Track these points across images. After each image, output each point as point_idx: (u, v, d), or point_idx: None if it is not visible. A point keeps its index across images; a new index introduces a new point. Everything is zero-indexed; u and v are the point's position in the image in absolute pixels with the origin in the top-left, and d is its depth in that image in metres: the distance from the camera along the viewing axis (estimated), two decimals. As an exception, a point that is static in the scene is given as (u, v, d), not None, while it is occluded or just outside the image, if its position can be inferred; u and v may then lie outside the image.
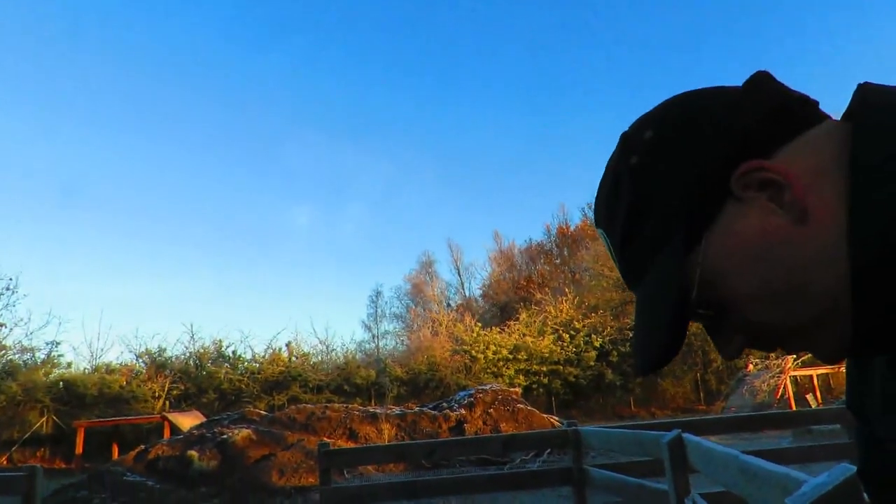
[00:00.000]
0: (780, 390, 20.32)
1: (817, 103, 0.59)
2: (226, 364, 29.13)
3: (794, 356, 22.21)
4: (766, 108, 0.56)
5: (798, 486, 1.35)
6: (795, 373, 21.92)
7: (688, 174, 0.57)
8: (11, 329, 25.04)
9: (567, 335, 30.59)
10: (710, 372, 30.60)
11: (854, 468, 1.25)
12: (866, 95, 0.56)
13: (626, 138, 0.62)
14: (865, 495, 0.70)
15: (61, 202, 51.65)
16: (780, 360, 21.87)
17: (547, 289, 38.51)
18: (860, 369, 0.66)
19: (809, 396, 22.36)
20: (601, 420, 25.73)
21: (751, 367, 23.76)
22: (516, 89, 64.39)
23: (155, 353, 29.16)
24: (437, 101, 64.95)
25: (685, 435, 3.13)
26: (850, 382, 0.69)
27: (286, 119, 62.83)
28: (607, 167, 0.65)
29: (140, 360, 28.88)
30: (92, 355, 29.58)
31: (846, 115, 0.57)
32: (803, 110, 0.57)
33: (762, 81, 0.58)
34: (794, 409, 19.27)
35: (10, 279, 25.02)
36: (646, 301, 0.61)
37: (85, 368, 27.83)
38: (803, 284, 0.54)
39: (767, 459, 4.69)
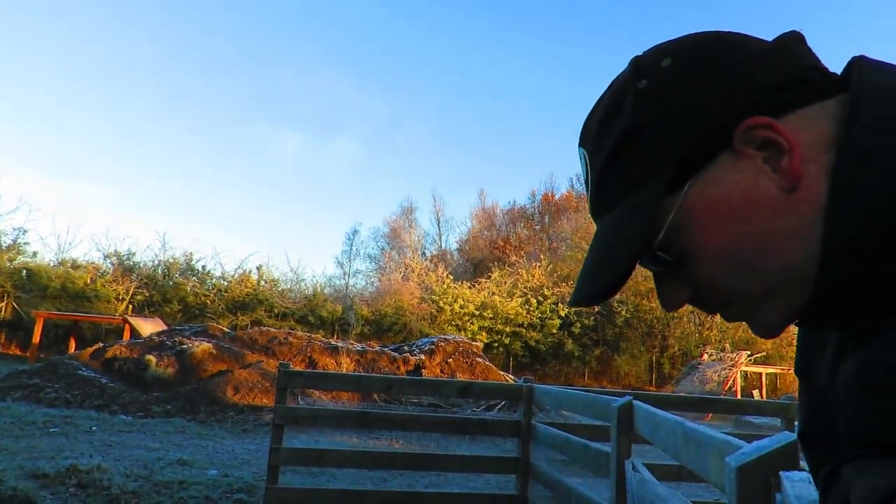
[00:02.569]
0: (730, 383, 21.02)
1: (835, 76, 0.57)
2: (194, 278, 29.01)
3: (748, 353, 22.92)
4: (788, 71, 0.55)
5: (737, 449, 1.41)
6: (747, 368, 22.66)
7: (695, 113, 0.55)
8: (-23, 209, 24.51)
9: (535, 300, 31.03)
10: (665, 356, 31.45)
11: (794, 435, 1.32)
12: (864, 72, 0.54)
13: (638, 62, 0.60)
14: (803, 457, 0.71)
15: (47, 87, 49.83)
16: (734, 354, 22.55)
17: (522, 252, 38.77)
18: (813, 336, 0.67)
19: (756, 392, 23.21)
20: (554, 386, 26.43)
21: (705, 356, 24.47)
22: (522, 51, 63.17)
23: (124, 255, 28.91)
24: (442, 52, 63.50)
25: (636, 402, 3.24)
26: (801, 347, 0.70)
27: (287, 42, 60.90)
28: (611, 86, 0.62)
29: (108, 261, 28.63)
30: (59, 249, 29.22)
31: (840, 87, 0.56)
32: (820, 82, 0.56)
33: (792, 43, 0.57)
34: (739, 396, 20.04)
35: (-19, 159, 24.31)
36: (608, 232, 0.59)
37: (50, 261, 27.51)
38: (771, 254, 0.54)
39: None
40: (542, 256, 35.31)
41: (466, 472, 6.30)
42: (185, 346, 13.01)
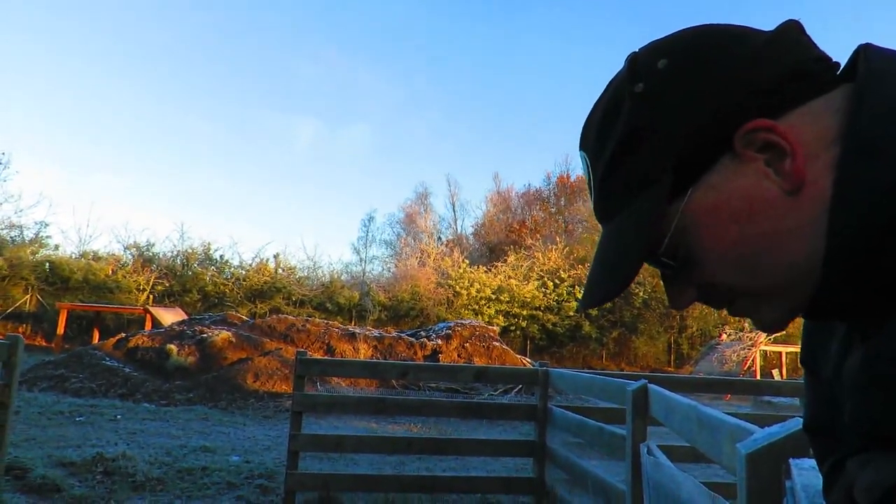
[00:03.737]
0: (749, 362, 20.87)
1: (837, 65, 0.56)
2: (212, 267, 29.37)
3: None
4: (788, 66, 0.54)
5: (749, 435, 1.41)
6: (766, 347, 22.46)
7: (694, 116, 0.54)
8: (1, 204, 24.97)
9: (551, 283, 30.96)
10: (683, 336, 31.29)
11: (800, 421, 1.31)
12: (870, 61, 0.53)
13: (634, 61, 0.58)
14: (811, 446, 0.70)
15: (63, 82, 50.34)
16: (753, 334, 22.35)
17: (538, 235, 38.64)
18: (819, 327, 0.66)
19: (775, 372, 23.04)
20: (572, 368, 26.45)
21: (724, 336, 24.30)
22: (534, 31, 62.39)
23: (143, 247, 29.31)
24: (454, 34, 62.93)
25: (651, 386, 3.23)
26: (806, 338, 0.69)
27: (301, 31, 60.74)
28: (608, 87, 0.61)
29: (128, 252, 29.04)
30: (80, 241, 29.73)
31: (845, 76, 0.54)
32: (823, 73, 0.54)
33: (790, 33, 0.55)
34: (759, 376, 19.89)
35: (3, 153, 24.77)
36: (612, 239, 0.60)
37: (72, 253, 27.98)
38: (775, 254, 0.53)
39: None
40: (557, 239, 35.16)
41: (484, 456, 6.35)
42: (205, 335, 13.20)
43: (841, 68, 0.56)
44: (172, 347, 12.46)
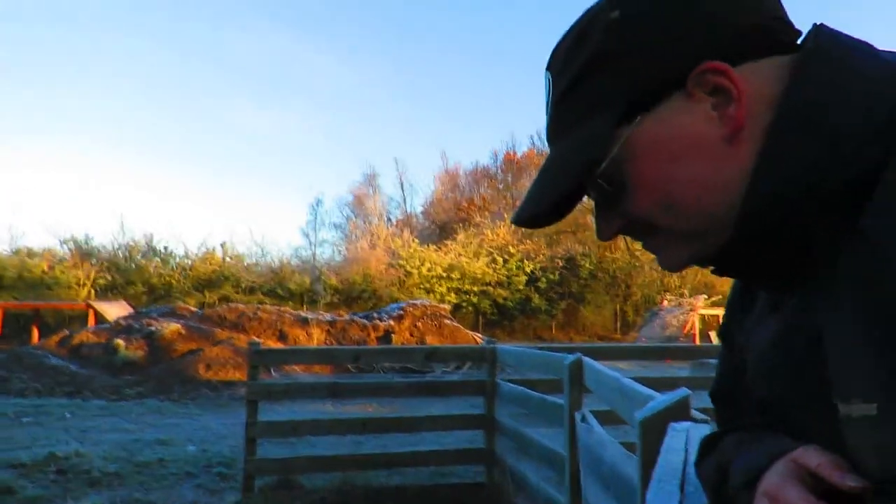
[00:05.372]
0: (688, 326, 21.93)
1: (798, 33, 0.58)
2: (156, 258, 28.60)
3: (706, 296, 23.85)
4: (754, 20, 0.55)
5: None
6: (704, 311, 23.60)
7: (658, 50, 0.56)
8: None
9: (500, 259, 31.49)
10: (628, 304, 32.44)
11: (687, 392, 1.56)
12: (820, 38, 0.55)
13: None
14: (714, 414, 0.78)
15: (-24, 67, 47.25)
16: (692, 299, 23.47)
17: (487, 212, 39.06)
18: (740, 302, 0.71)
19: (713, 334, 24.25)
20: (523, 341, 27.10)
21: (665, 302, 25.39)
22: (478, 12, 62.17)
23: (81, 240, 28.24)
24: (397, 12, 62.03)
25: (584, 358, 3.50)
26: (727, 313, 0.74)
27: (237, 5, 58.64)
28: (585, 13, 0.62)
29: (65, 246, 27.94)
30: (12, 238, 28.34)
31: (798, 47, 0.57)
32: (783, 36, 0.57)
33: None
34: (698, 343, 20.96)
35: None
36: (559, 154, 0.61)
37: (3, 251, 26.72)
38: (699, 200, 0.56)
39: (663, 385, 5.23)
40: (505, 215, 35.65)
41: (437, 431, 6.61)
42: (153, 328, 12.99)
43: (799, 41, 0.58)
44: (120, 342, 12.23)
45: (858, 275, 0.47)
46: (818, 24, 0.57)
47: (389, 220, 42.97)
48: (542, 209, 0.60)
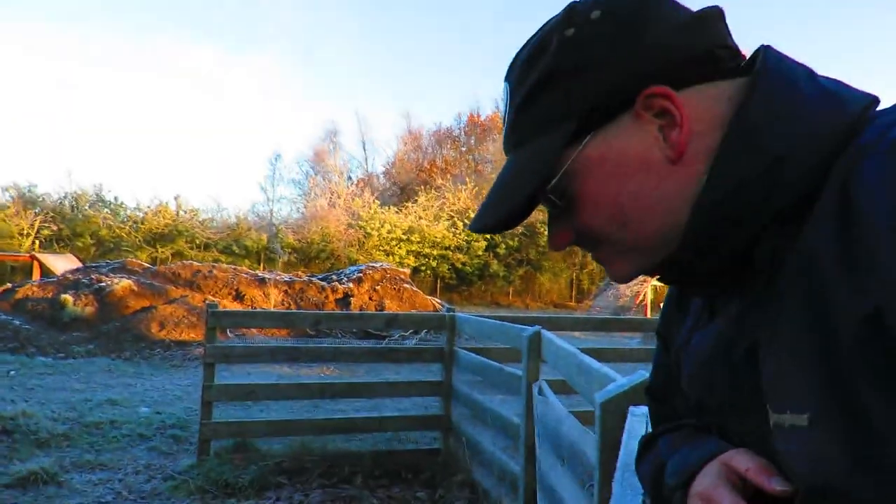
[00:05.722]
0: (641, 296, 22.57)
1: (743, 58, 0.60)
2: (106, 210, 27.62)
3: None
4: (700, 46, 0.57)
5: (611, 382, 1.70)
6: (656, 283, 24.30)
7: (608, 71, 0.57)
8: None
9: (461, 223, 31.56)
10: (584, 273, 33.10)
11: (646, 375, 1.62)
12: (767, 61, 0.57)
13: (572, 8, 0.61)
14: (649, 409, 0.81)
15: None
16: (646, 270, 24.06)
17: (449, 175, 38.92)
18: (677, 304, 0.74)
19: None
20: (480, 306, 27.46)
21: (620, 273, 26.00)
22: (448, -40, 60.54)
23: (24, 188, 26.97)
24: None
25: (543, 331, 3.57)
26: (665, 310, 0.77)
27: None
28: (543, 27, 0.63)
29: (7, 194, 26.67)
30: (-53, 182, 26.85)
31: (744, 71, 0.59)
32: (727, 61, 0.58)
33: (711, 19, 0.59)
34: (648, 314, 21.65)
35: None
36: (512, 169, 0.63)
37: (-62, 196, 25.36)
38: (645, 217, 0.58)
39: (615, 357, 5.35)
40: (467, 179, 35.63)
41: (395, 397, 6.69)
42: (103, 284, 12.61)
43: (743, 63, 0.60)
44: (68, 298, 11.84)
45: (794, 290, 0.50)
46: (765, 46, 0.59)
47: (350, 178, 42.43)
48: (496, 221, 0.62)
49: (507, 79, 0.66)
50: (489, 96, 52.90)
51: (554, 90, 0.59)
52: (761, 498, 0.53)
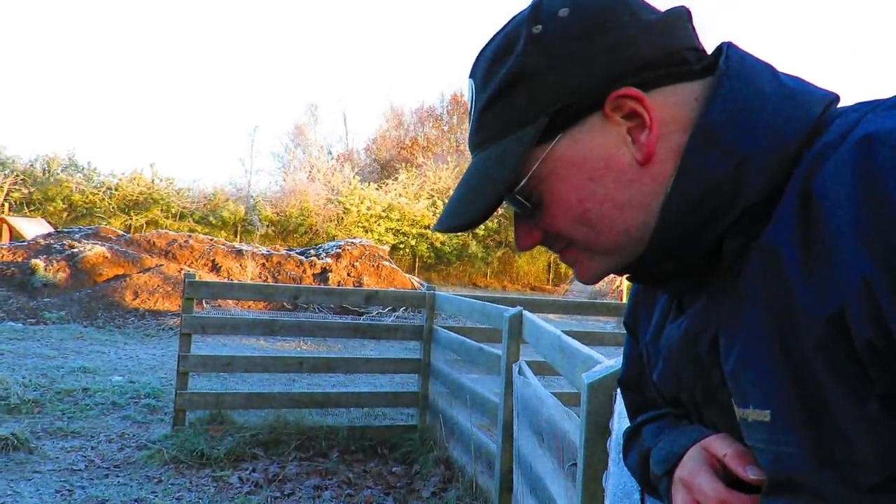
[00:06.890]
0: (617, 281, 22.83)
1: (708, 59, 0.60)
2: (78, 174, 26.95)
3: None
4: (668, 47, 0.57)
5: (596, 364, 1.72)
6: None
7: (576, 72, 0.56)
8: None
9: (441, 202, 31.48)
10: (562, 257, 33.28)
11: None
12: (729, 61, 0.57)
13: (539, 5, 0.59)
14: (624, 399, 0.82)
15: None
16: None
17: (430, 154, 38.70)
18: (643, 297, 0.75)
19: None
20: (458, 286, 27.57)
21: (597, 258, 26.26)
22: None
23: (-7, 148, 26.18)
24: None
25: (525, 313, 3.60)
26: (632, 304, 0.77)
27: None
28: (508, 23, 0.62)
29: (-26, 154, 25.85)
30: (-88, 139, 25.93)
31: (710, 71, 0.58)
32: (694, 62, 0.58)
33: (678, 19, 0.59)
34: (624, 299, 21.96)
35: None
36: (478, 169, 0.61)
37: None
38: (613, 218, 0.58)
39: (589, 340, 5.42)
40: (449, 158, 35.46)
41: (372, 373, 6.70)
42: (76, 250, 12.36)
43: (706, 60, 0.59)
44: (38, 263, 11.59)
45: (756, 288, 0.51)
46: (727, 43, 0.59)
47: (330, 153, 41.94)
48: (463, 222, 0.61)
49: (472, 76, 0.64)
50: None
51: (520, 91, 0.57)
52: (740, 481, 0.54)
